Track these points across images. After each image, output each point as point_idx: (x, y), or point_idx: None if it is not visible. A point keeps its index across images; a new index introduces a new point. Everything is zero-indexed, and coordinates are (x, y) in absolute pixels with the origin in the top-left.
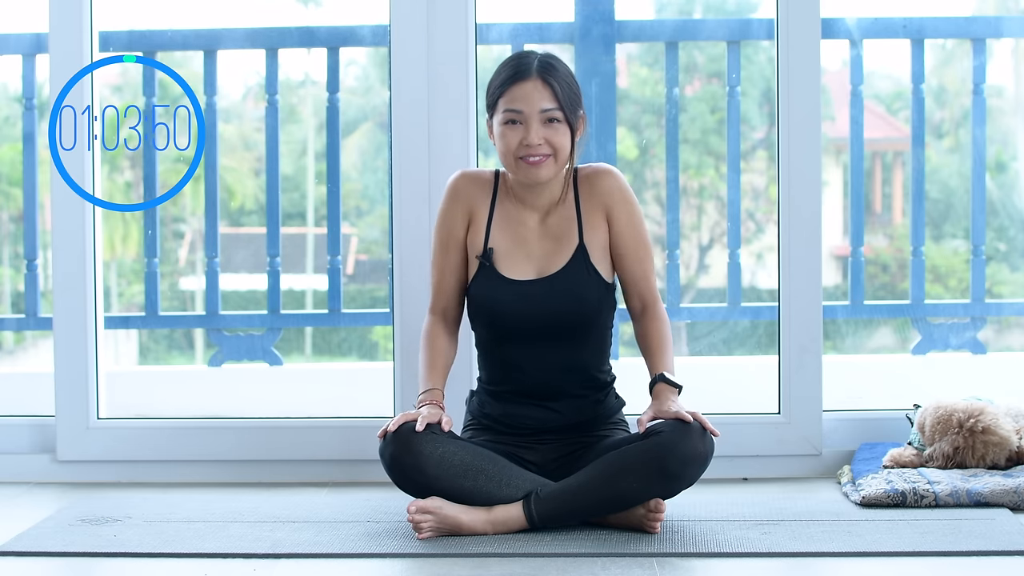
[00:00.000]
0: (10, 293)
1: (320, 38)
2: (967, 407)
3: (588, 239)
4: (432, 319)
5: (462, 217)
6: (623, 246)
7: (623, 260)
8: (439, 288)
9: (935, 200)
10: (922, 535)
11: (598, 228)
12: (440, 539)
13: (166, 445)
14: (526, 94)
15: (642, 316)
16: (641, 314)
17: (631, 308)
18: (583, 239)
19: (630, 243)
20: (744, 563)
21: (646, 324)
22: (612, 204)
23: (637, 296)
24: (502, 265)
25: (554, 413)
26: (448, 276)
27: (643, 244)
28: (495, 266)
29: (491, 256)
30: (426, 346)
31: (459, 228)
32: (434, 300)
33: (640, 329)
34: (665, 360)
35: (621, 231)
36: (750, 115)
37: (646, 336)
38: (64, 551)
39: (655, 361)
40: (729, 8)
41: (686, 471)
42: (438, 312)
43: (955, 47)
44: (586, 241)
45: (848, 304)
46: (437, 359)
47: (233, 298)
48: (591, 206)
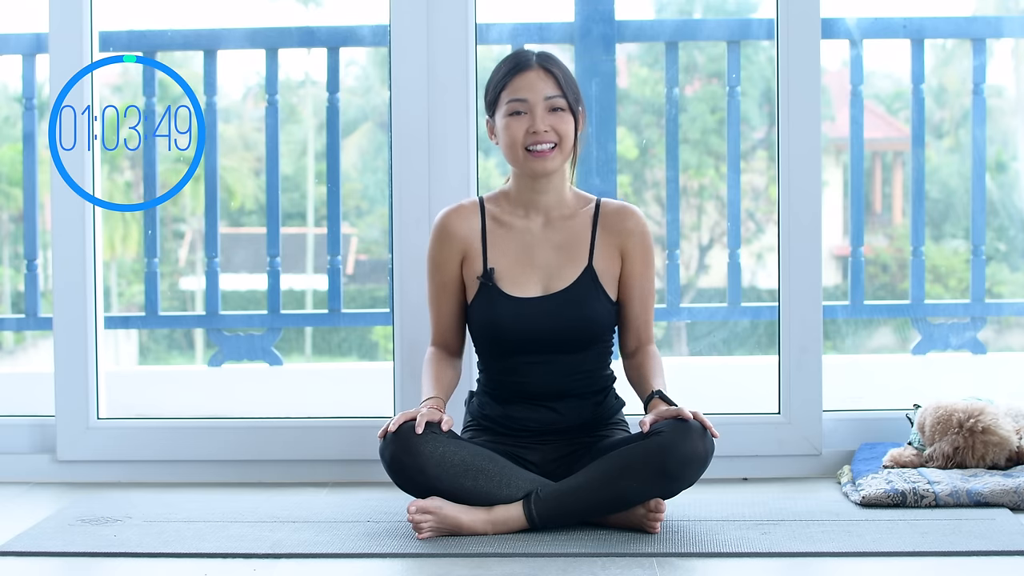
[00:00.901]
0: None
1: (320, 38)
2: (967, 407)
3: (598, 264)
4: (434, 350)
5: (455, 255)
6: (632, 288)
7: (629, 302)
8: (438, 325)
9: (935, 200)
10: (922, 535)
11: (610, 260)
12: (440, 539)
13: (166, 445)
14: (530, 83)
15: (636, 354)
16: (635, 352)
17: (624, 346)
18: (592, 262)
19: (639, 288)
20: (744, 563)
21: (640, 359)
22: (631, 246)
23: (634, 337)
24: (505, 283)
25: (554, 414)
26: (446, 314)
27: (651, 290)
28: (497, 284)
29: (492, 276)
30: (428, 370)
31: (452, 267)
32: (434, 335)
33: (633, 363)
34: (660, 382)
35: (633, 274)
36: (750, 115)
37: (640, 367)
38: (64, 551)
39: (650, 384)
40: (729, 8)
41: (686, 471)
42: (439, 344)
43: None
44: (595, 264)
45: (848, 304)
46: (440, 378)
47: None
48: (608, 238)
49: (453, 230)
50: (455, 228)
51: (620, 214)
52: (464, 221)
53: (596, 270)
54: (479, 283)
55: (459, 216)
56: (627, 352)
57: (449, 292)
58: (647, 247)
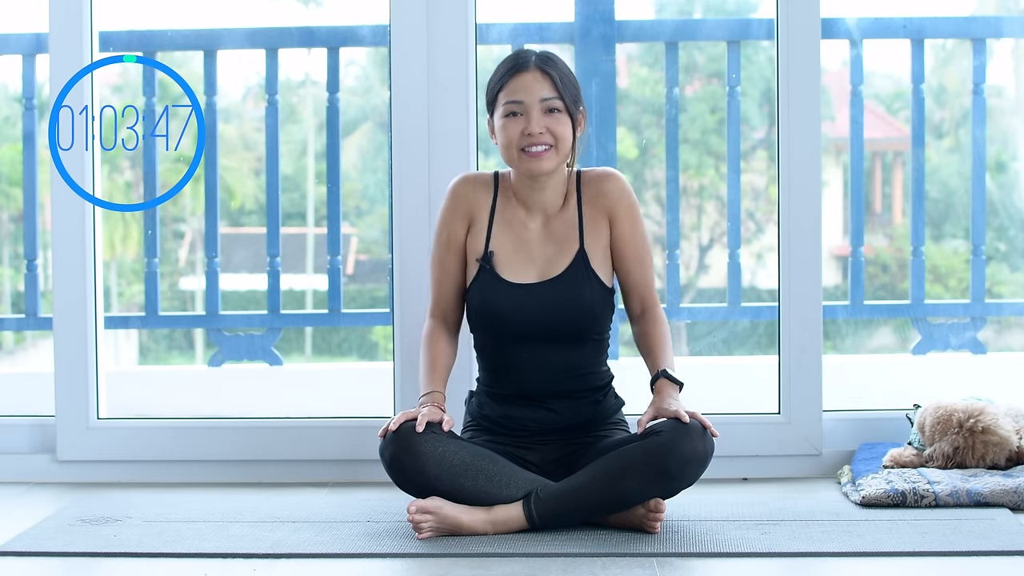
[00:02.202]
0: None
1: (320, 38)
2: (967, 407)
3: (589, 244)
4: (432, 323)
5: (462, 221)
6: (625, 249)
7: (624, 263)
8: (439, 292)
9: (935, 200)
10: (922, 535)
11: (600, 232)
12: (440, 539)
13: (166, 445)
14: (526, 84)
15: (641, 318)
16: (640, 316)
17: (630, 310)
18: (584, 244)
19: (631, 247)
20: (744, 563)
21: (645, 326)
22: (615, 208)
23: (637, 299)
24: (503, 268)
25: (553, 414)
26: (448, 280)
27: (644, 248)
28: (496, 269)
29: (491, 259)
30: (426, 350)
31: (459, 232)
32: (434, 304)
33: (639, 330)
34: (666, 358)
35: (623, 235)
36: (750, 115)
37: (646, 336)
38: (64, 551)
39: (656, 359)
40: (729, 8)
41: (686, 471)
42: (438, 316)
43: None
44: (587, 246)
45: (848, 304)
46: (437, 362)
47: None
48: (593, 209)
49: (466, 195)
50: (468, 194)
51: (598, 180)
52: (479, 192)
53: (587, 252)
54: (479, 266)
55: (475, 186)
56: (633, 316)
57: (452, 256)
58: (631, 205)
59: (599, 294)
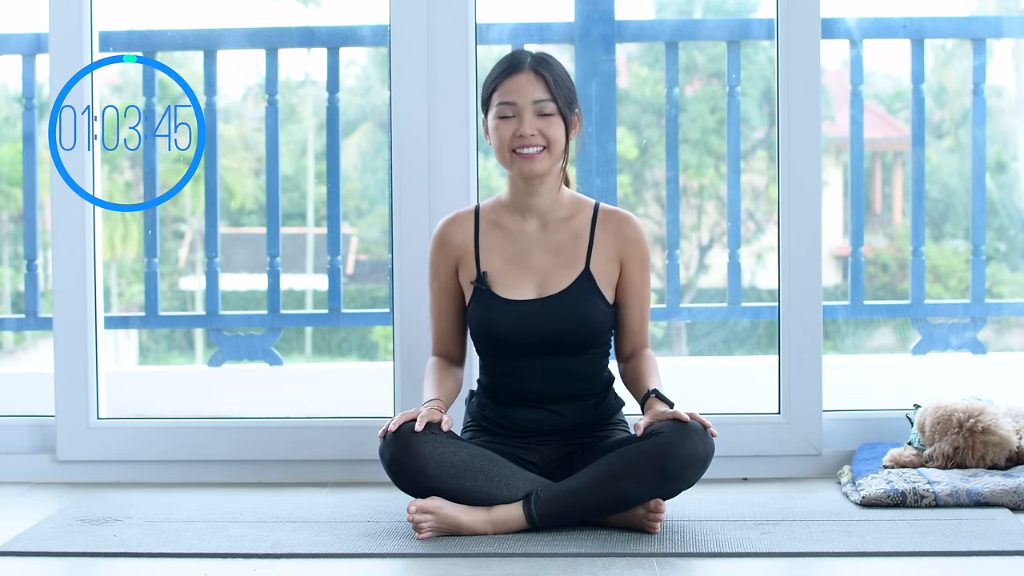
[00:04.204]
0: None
1: (320, 38)
2: (967, 407)
3: (596, 268)
4: (435, 359)
5: (450, 263)
6: (630, 295)
7: (626, 308)
8: (439, 333)
9: (935, 200)
10: (922, 535)
11: (608, 265)
12: (440, 539)
13: (166, 445)
14: (519, 86)
15: (631, 358)
16: (631, 357)
17: (620, 351)
18: (590, 266)
19: (637, 294)
20: (744, 563)
21: (636, 362)
22: (629, 253)
23: (630, 342)
24: (499, 285)
25: (553, 415)
26: (445, 322)
27: (647, 297)
28: (491, 288)
29: (485, 280)
30: (429, 376)
31: (449, 275)
32: (435, 344)
33: (629, 367)
34: (655, 381)
35: (631, 281)
36: (750, 115)
37: (636, 369)
38: (64, 551)
39: (645, 382)
40: (729, 8)
41: (686, 472)
42: (441, 353)
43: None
44: (593, 269)
45: (848, 304)
46: (442, 384)
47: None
48: (606, 244)
49: (447, 238)
50: (449, 236)
51: (619, 221)
52: (458, 228)
53: (593, 273)
54: (473, 288)
55: (454, 224)
56: (623, 357)
57: (448, 300)
58: (645, 255)
59: (603, 311)
